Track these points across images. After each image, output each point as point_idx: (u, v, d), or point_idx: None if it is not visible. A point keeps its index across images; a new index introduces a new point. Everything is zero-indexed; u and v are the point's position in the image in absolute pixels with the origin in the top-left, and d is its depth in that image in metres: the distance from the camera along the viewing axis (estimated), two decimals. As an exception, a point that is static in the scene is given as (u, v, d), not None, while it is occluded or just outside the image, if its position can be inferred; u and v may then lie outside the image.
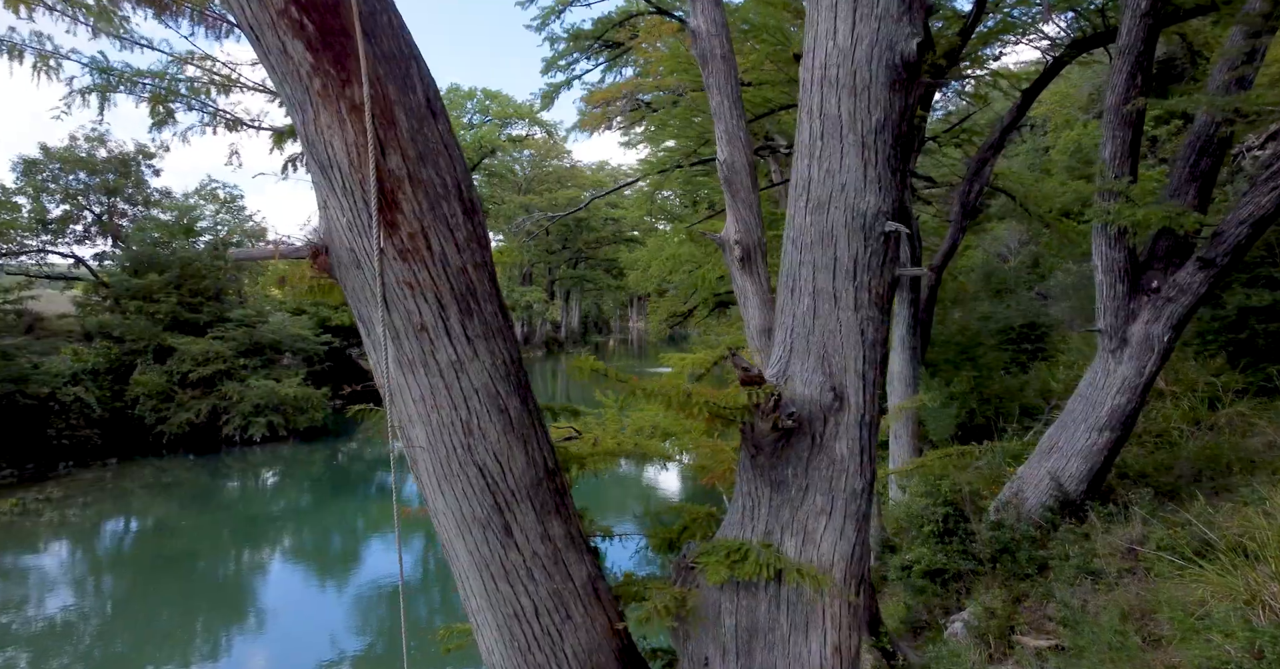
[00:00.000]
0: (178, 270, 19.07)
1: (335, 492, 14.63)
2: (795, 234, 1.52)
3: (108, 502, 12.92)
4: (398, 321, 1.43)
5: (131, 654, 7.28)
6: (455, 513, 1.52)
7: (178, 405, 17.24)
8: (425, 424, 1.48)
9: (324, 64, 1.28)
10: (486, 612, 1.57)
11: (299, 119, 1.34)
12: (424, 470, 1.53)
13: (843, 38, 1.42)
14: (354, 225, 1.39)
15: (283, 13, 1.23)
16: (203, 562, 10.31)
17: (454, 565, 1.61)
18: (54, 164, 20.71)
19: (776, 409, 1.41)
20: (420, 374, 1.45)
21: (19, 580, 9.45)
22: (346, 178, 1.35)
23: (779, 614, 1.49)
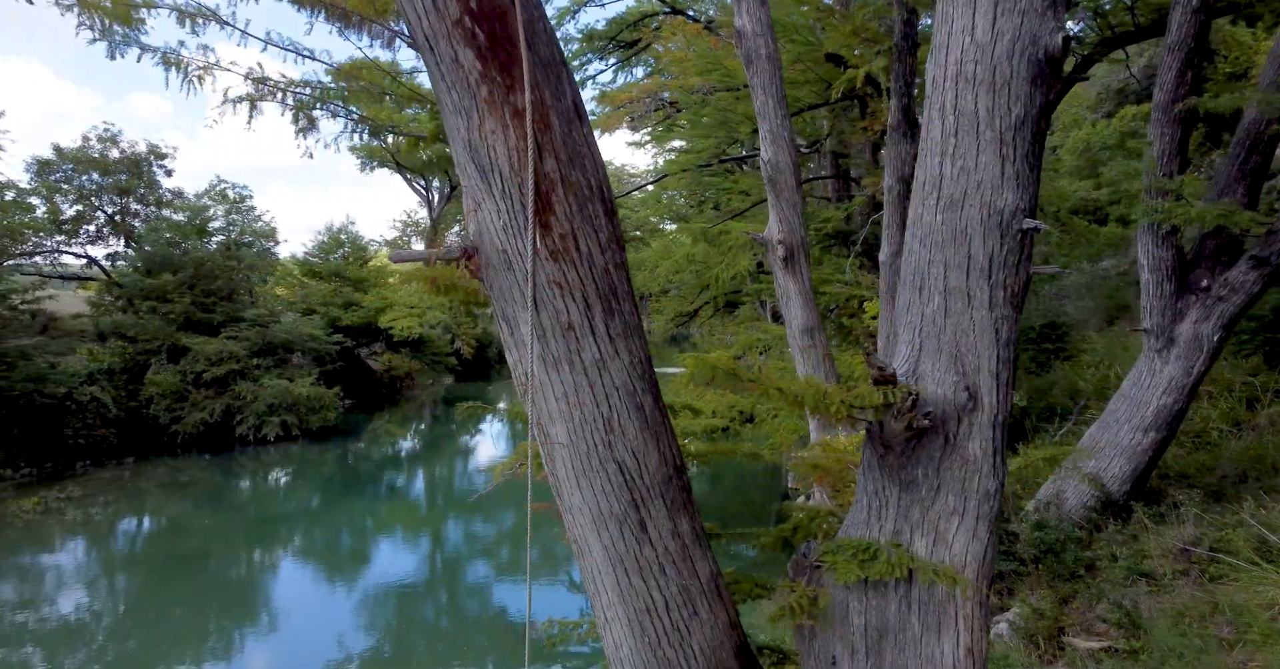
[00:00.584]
0: (191, 270, 19.17)
1: (345, 491, 14.68)
2: (923, 232, 1.53)
3: (128, 501, 12.99)
4: (545, 321, 1.46)
5: (170, 650, 7.33)
6: (592, 508, 1.55)
7: (192, 405, 17.32)
8: (567, 421, 1.51)
9: (491, 71, 1.31)
10: (618, 606, 1.60)
11: (463, 125, 1.38)
12: (562, 466, 1.56)
13: (981, 33, 1.43)
14: (509, 227, 1.41)
15: (457, 23, 1.27)
16: (222, 561, 10.36)
17: (584, 561, 1.64)
18: (67, 164, 20.83)
19: (913, 409, 1.43)
20: (565, 372, 1.48)
21: (49, 579, 9.52)
22: (506, 181, 1.38)
23: (910, 614, 1.51)
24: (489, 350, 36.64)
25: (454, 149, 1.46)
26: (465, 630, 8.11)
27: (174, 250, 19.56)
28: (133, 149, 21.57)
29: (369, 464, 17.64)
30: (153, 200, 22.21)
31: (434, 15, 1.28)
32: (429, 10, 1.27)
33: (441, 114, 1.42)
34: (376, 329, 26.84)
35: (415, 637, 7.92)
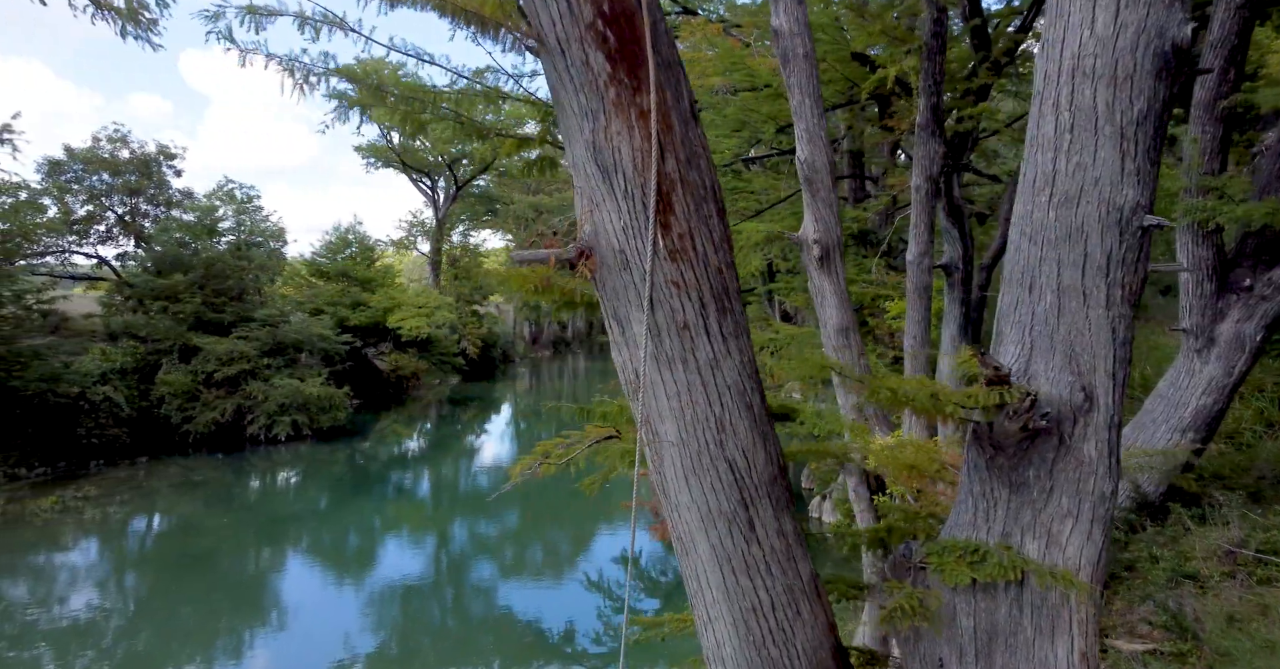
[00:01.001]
0: (202, 270, 19.21)
1: (356, 491, 14.70)
2: (1033, 229, 1.52)
3: (144, 500, 13.02)
4: (660, 320, 1.46)
5: (191, 646, 7.35)
6: (701, 507, 1.55)
7: (203, 405, 17.35)
8: (678, 419, 1.50)
9: (620, 73, 1.32)
10: (723, 605, 1.59)
11: (588, 127, 1.38)
12: (670, 465, 1.56)
13: (1103, 27, 1.41)
14: (629, 228, 1.41)
15: (590, 26, 1.28)
16: (238, 559, 10.40)
17: (687, 559, 1.63)
18: (77, 165, 20.88)
19: (1031, 410, 1.42)
20: (679, 371, 1.48)
21: (72, 576, 9.55)
22: (629, 182, 1.38)
23: (1021, 617, 1.49)
24: (494, 350, 36.68)
25: (572, 151, 1.46)
26: (472, 630, 8.13)
27: (184, 250, 19.60)
28: (142, 149, 21.63)
29: (378, 464, 17.66)
30: (162, 200, 22.25)
31: (568, 19, 1.29)
32: (563, 14, 1.28)
33: (560, 117, 1.43)
34: (384, 329, 26.89)
35: (424, 635, 7.94)
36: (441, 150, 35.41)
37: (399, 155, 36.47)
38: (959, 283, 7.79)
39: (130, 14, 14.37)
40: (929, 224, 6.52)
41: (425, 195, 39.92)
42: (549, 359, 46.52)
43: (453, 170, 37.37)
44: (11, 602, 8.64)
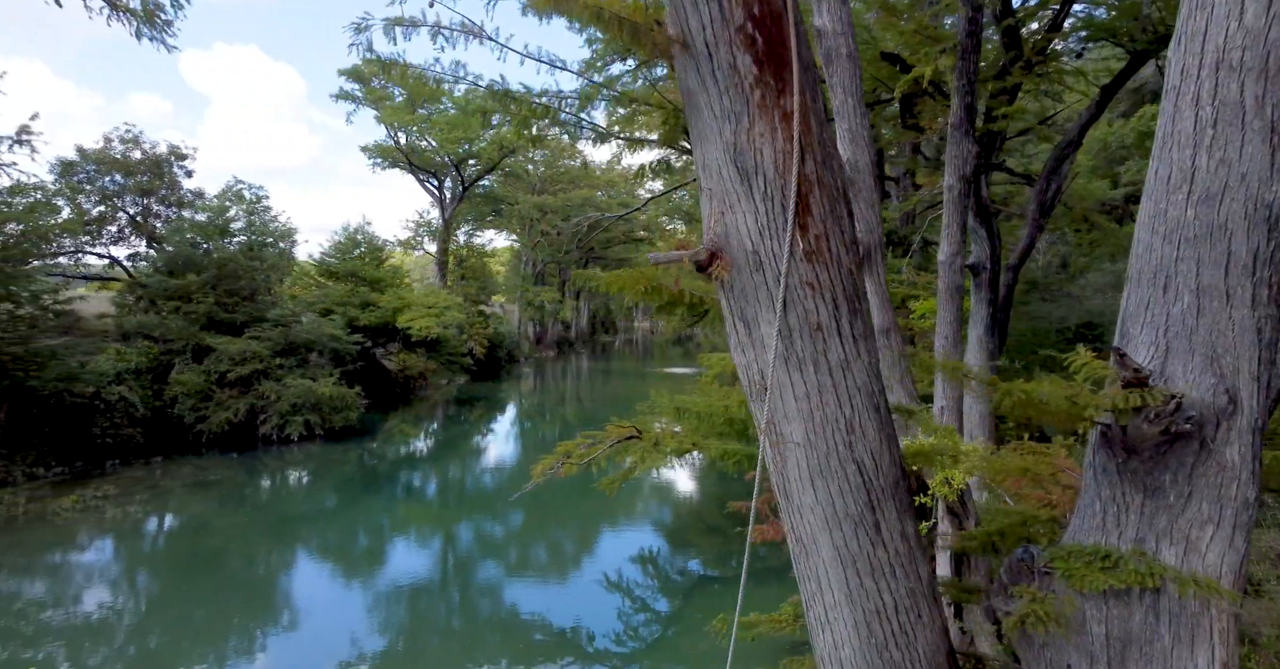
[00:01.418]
0: (214, 271, 19.25)
1: (370, 491, 14.72)
2: (1168, 228, 1.49)
3: (163, 499, 13.05)
4: (792, 321, 1.44)
5: (215, 642, 7.37)
6: (826, 509, 1.53)
7: (216, 404, 17.39)
8: (806, 421, 1.48)
9: (766, 75, 1.31)
10: (844, 607, 1.57)
11: (729, 129, 1.36)
12: (794, 466, 1.54)
13: (1253, 18, 1.37)
14: (766, 229, 1.40)
15: (739, 29, 1.27)
16: (259, 559, 10.43)
17: (808, 560, 1.61)
18: (90, 165, 20.96)
19: (1175, 413, 1.39)
20: (809, 372, 1.46)
21: (98, 575, 9.58)
22: (770, 183, 1.36)
23: (1158, 625, 1.46)
24: (500, 351, 36.71)
25: (705, 153, 1.44)
26: (488, 629, 8.13)
27: (197, 251, 19.65)
28: (154, 150, 21.70)
29: (390, 464, 17.69)
30: (173, 201, 22.32)
31: (719, 23, 1.28)
32: (714, 18, 1.27)
33: (693, 120, 1.41)
34: (393, 329, 26.93)
35: (440, 635, 7.95)
36: (449, 151, 35.46)
37: (406, 156, 36.53)
38: (986, 283, 7.77)
39: (147, 16, 14.37)
40: (961, 224, 6.49)
41: (432, 195, 39.97)
42: (553, 359, 46.53)
43: (459, 170, 37.41)
44: (40, 599, 8.68)
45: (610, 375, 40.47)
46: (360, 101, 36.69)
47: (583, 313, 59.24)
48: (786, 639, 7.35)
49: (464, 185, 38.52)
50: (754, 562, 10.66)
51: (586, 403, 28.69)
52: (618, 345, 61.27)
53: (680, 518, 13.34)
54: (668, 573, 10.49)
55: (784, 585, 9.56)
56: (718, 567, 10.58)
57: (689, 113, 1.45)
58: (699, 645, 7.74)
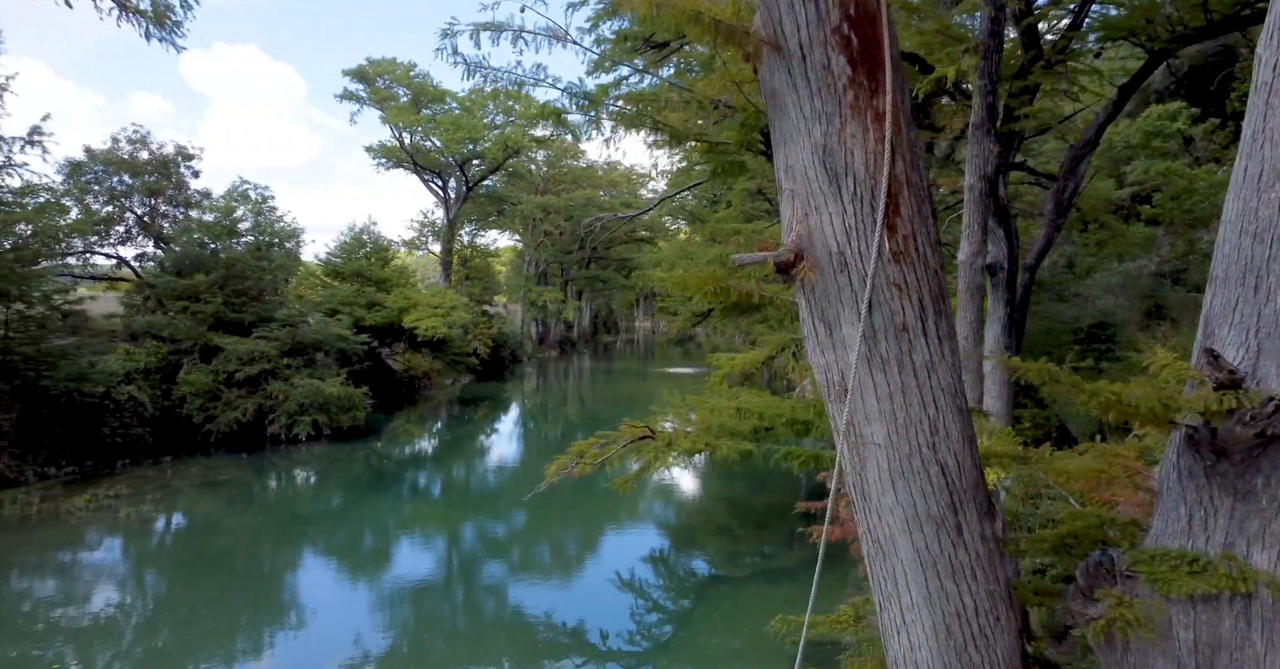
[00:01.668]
0: (223, 271, 19.29)
1: (381, 490, 14.76)
2: (1259, 227, 1.48)
3: (174, 499, 13.09)
4: (878, 322, 1.45)
5: (234, 639, 7.40)
6: (907, 510, 1.53)
7: (225, 404, 17.42)
8: (888, 422, 1.49)
9: (859, 76, 1.31)
10: (923, 609, 1.58)
11: (819, 130, 1.37)
12: (875, 467, 1.54)
13: None
14: (853, 230, 1.40)
15: (835, 29, 1.28)
16: (272, 557, 10.47)
17: (884, 562, 1.62)
18: (97, 166, 21.00)
19: (1273, 415, 1.39)
20: (893, 373, 1.46)
21: (115, 573, 9.62)
22: (860, 184, 1.37)
23: (1249, 631, 1.46)
24: (503, 350, 36.75)
25: (788, 155, 1.45)
26: (498, 629, 8.15)
27: (204, 251, 19.70)
28: (161, 150, 21.74)
29: (399, 464, 17.72)
30: (181, 201, 22.37)
31: (814, 24, 1.28)
32: (810, 20, 1.28)
33: (777, 122, 1.42)
34: (399, 329, 26.98)
35: (444, 634, 7.96)
36: (453, 151, 35.48)
37: (411, 156, 36.57)
38: (1004, 283, 7.76)
39: (157, 17, 14.45)
40: (982, 224, 6.49)
41: (436, 195, 40.03)
42: (556, 359, 46.59)
43: (464, 170, 37.45)
44: (58, 597, 8.71)
45: (614, 375, 40.50)
46: (365, 102, 36.74)
47: (584, 313, 59.28)
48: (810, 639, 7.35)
49: (468, 185, 38.54)
50: (763, 563, 10.66)
51: (591, 403, 28.71)
52: (619, 345, 61.35)
53: (689, 517, 13.36)
54: (678, 573, 10.51)
55: (795, 585, 9.57)
56: (727, 567, 10.59)
57: (772, 115, 1.46)
58: (711, 645, 7.75)
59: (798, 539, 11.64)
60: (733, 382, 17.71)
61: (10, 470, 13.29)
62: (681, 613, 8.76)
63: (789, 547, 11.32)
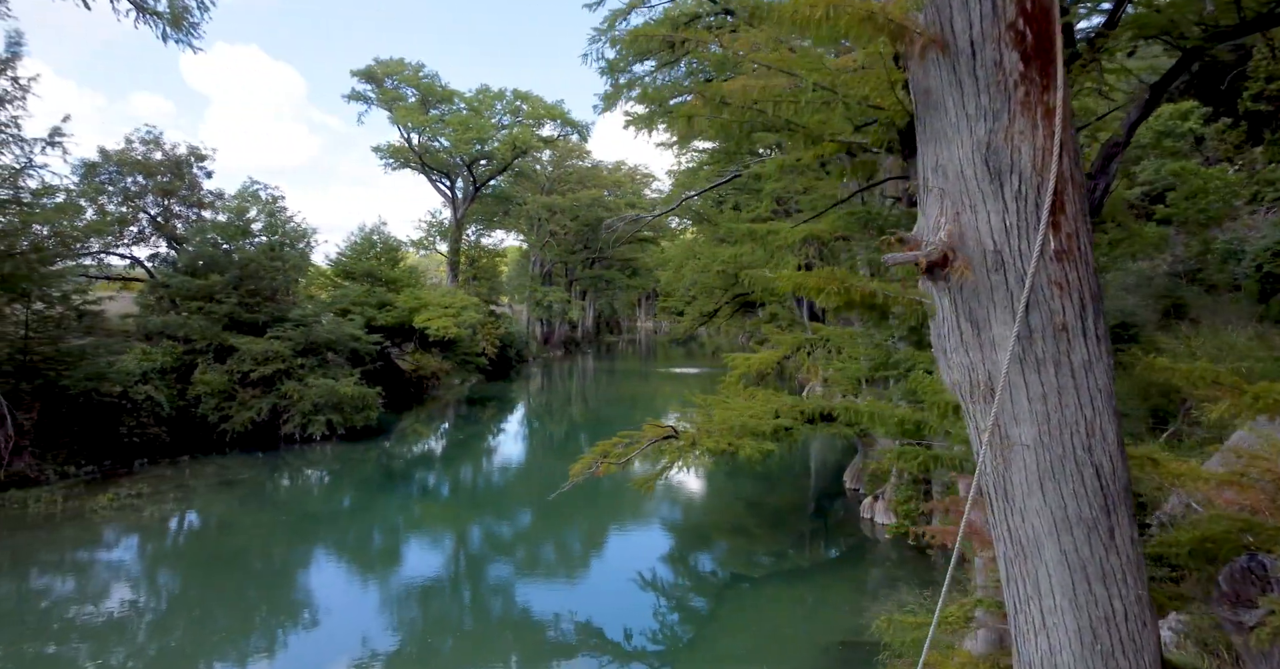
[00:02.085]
0: (237, 271, 19.33)
1: (401, 489, 14.78)
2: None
3: (195, 497, 13.10)
4: (1034, 322, 1.43)
5: (262, 635, 7.42)
6: (1056, 512, 1.51)
7: (239, 404, 17.46)
8: (1041, 423, 1.47)
9: (1031, 72, 1.30)
10: (1068, 612, 1.56)
11: (983, 128, 1.35)
12: (1020, 469, 1.52)
13: None
14: (1014, 228, 1.38)
15: (1010, 25, 1.26)
16: (292, 556, 10.49)
17: (1025, 564, 1.60)
18: (111, 166, 21.07)
19: None
20: (1048, 373, 1.44)
21: (144, 570, 9.66)
22: (1025, 182, 1.35)
23: None
24: (510, 350, 36.76)
25: (942, 153, 1.43)
26: (506, 628, 8.13)
27: (219, 251, 19.74)
28: (174, 151, 21.80)
29: (411, 463, 17.75)
30: (193, 201, 22.42)
31: (988, 20, 1.27)
32: (984, 16, 1.26)
33: (929, 121, 1.40)
34: (409, 329, 27.01)
35: (462, 633, 7.96)
36: (462, 151, 35.50)
37: (420, 156, 36.62)
38: None
39: (174, 20, 14.47)
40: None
41: (443, 196, 40.06)
42: (561, 359, 46.60)
43: (471, 170, 37.48)
44: (91, 594, 8.74)
45: (619, 375, 40.49)
46: (372, 102, 36.80)
47: (588, 313, 59.25)
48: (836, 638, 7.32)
49: (475, 185, 38.57)
50: (776, 565, 10.61)
51: (598, 403, 28.68)
52: (621, 346, 61.40)
53: (705, 516, 13.33)
54: (697, 572, 10.48)
55: (809, 585, 9.54)
56: (745, 566, 10.56)
57: (922, 113, 1.44)
58: (732, 645, 7.71)
59: (809, 539, 11.61)
60: (748, 381, 17.64)
61: (31, 469, 13.33)
62: (701, 613, 8.74)
63: (804, 547, 11.29)
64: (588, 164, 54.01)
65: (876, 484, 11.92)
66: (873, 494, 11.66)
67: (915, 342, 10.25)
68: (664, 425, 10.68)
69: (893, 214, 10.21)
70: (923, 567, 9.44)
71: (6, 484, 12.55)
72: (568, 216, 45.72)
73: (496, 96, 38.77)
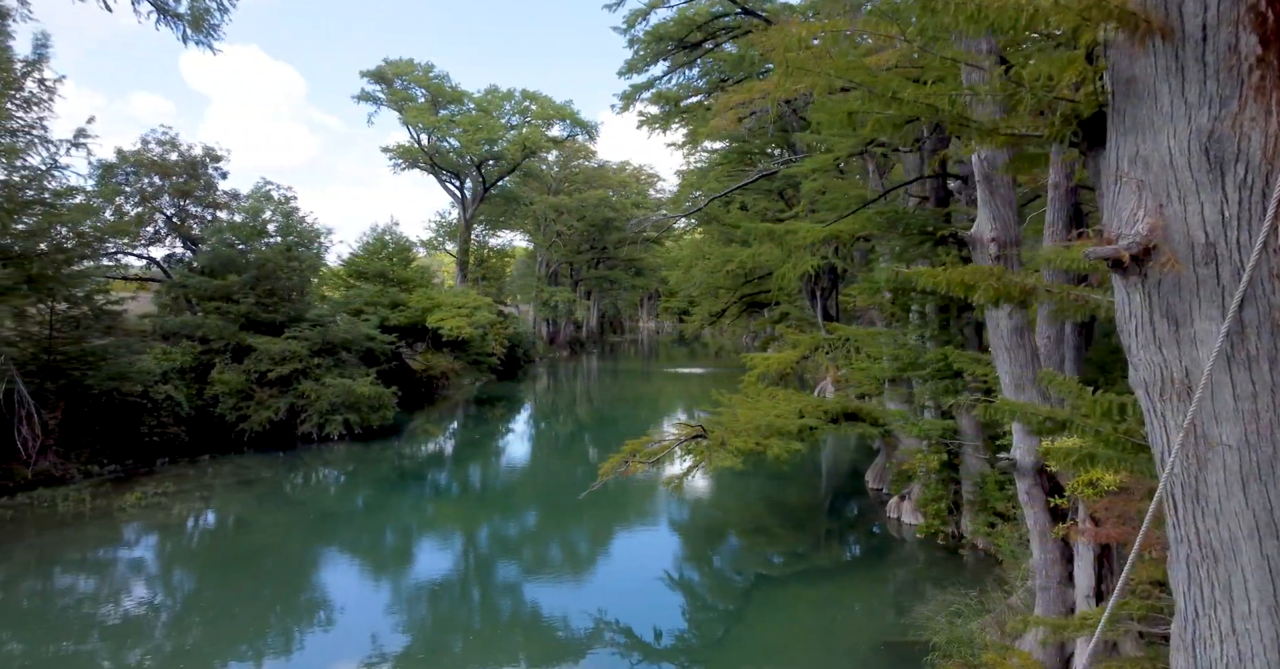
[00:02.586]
0: (254, 271, 19.37)
1: (421, 487, 14.79)
2: None
3: (220, 496, 13.10)
4: (1248, 317, 1.38)
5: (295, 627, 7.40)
6: (1260, 515, 1.47)
7: (257, 404, 17.48)
8: (1248, 422, 1.43)
9: (1270, 56, 1.25)
10: (1264, 618, 1.51)
11: (1207, 115, 1.31)
12: (1218, 469, 1.48)
13: None
14: (1234, 220, 1.34)
15: (1251, 7, 1.21)
16: (326, 552, 10.50)
17: (1217, 567, 1.55)
18: (128, 167, 21.14)
19: None
20: (1261, 371, 1.40)
21: (179, 565, 9.67)
22: (1252, 170, 1.31)
23: None
24: (518, 350, 36.76)
25: (1145, 143, 1.38)
26: (528, 626, 8.10)
27: (235, 251, 19.78)
28: (190, 152, 21.85)
29: (426, 463, 17.77)
30: (209, 202, 22.47)
31: (1226, 2, 1.22)
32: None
33: (1138, 110, 1.35)
34: (422, 329, 27.02)
35: (503, 633, 7.92)
36: (472, 151, 35.53)
37: (430, 157, 36.67)
38: None
39: (195, 21, 14.53)
40: (1066, 222, 6.39)
41: (452, 196, 40.13)
42: (567, 359, 46.62)
43: (481, 171, 37.52)
44: (127, 590, 8.76)
45: (626, 375, 40.45)
46: (381, 102, 36.87)
47: (593, 313, 59.21)
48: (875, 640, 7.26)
49: (485, 185, 38.59)
50: (801, 564, 10.54)
51: (609, 403, 28.64)
52: (624, 346, 61.44)
53: (724, 515, 13.26)
54: (721, 571, 10.42)
55: (840, 584, 9.46)
56: (769, 566, 10.48)
57: (1123, 103, 1.40)
58: (772, 641, 7.65)
59: (834, 538, 11.53)
60: (768, 381, 17.55)
61: (56, 468, 13.37)
62: (731, 611, 8.68)
63: (830, 546, 11.23)
64: (593, 164, 53.99)
65: (901, 484, 11.85)
66: (899, 494, 11.58)
67: (945, 341, 10.17)
68: (693, 425, 10.63)
69: (919, 213, 10.14)
70: (952, 567, 9.36)
71: (34, 483, 12.59)
72: (574, 217, 45.70)
73: (505, 97, 38.81)
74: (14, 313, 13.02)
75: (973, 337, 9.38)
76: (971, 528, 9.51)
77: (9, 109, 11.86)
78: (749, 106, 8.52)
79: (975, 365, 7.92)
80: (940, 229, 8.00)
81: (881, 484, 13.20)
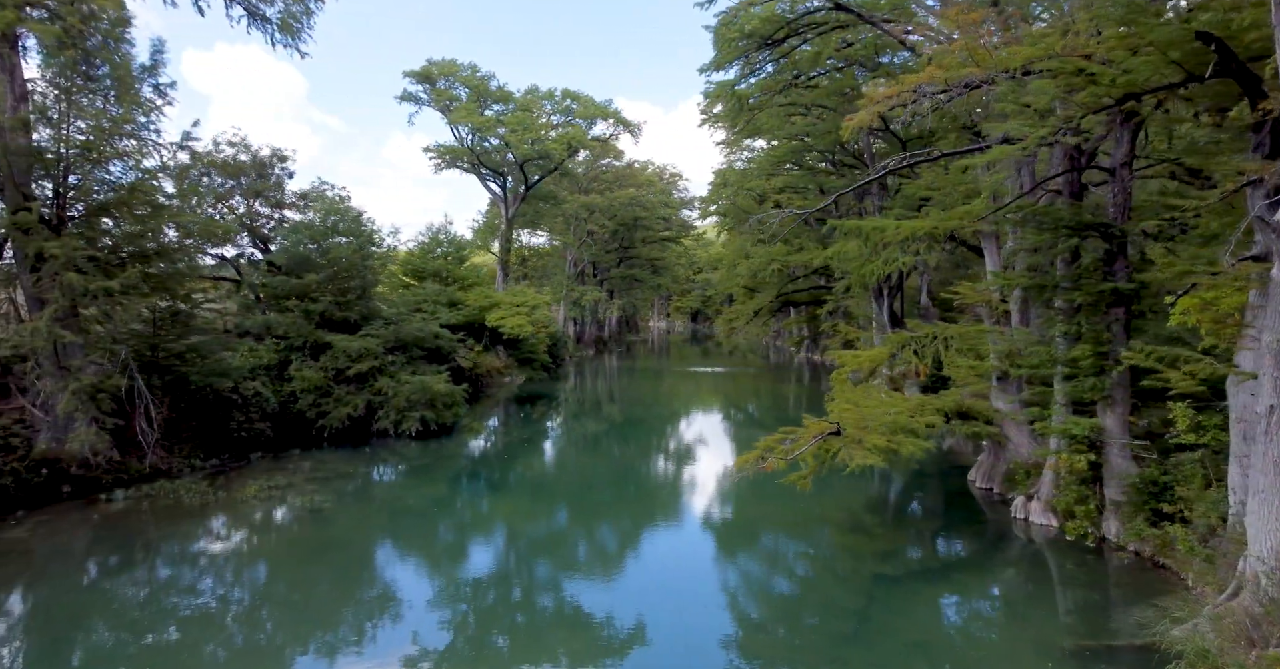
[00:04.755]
0: (330, 270, 19.65)
1: (497, 483, 14.85)
2: None
3: (333, 487, 13.24)
4: None
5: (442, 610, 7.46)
6: None
7: (336, 400, 17.71)
8: None
9: None
10: None
11: None
12: None
13: None
14: None
15: None
16: (441, 536, 10.64)
17: None
18: (201, 167, 21.57)
19: None
20: None
21: (316, 549, 9.83)
22: None
23: None
24: (556, 349, 36.89)
25: None
26: (554, 624, 8.03)
27: (311, 250, 20.08)
28: (259, 153, 22.23)
29: (500, 458, 17.86)
30: (276, 202, 22.86)
31: None
32: None
33: None
34: (479, 327, 27.21)
35: (568, 626, 7.85)
36: (520, 151, 35.68)
37: (478, 156, 36.92)
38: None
39: (283, 26, 14.91)
40: None
41: (495, 195, 40.34)
42: (593, 357, 46.74)
43: (524, 170, 37.70)
44: (287, 567, 8.98)
45: (653, 374, 40.32)
46: (424, 102, 37.21)
47: (613, 312, 59.19)
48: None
49: (526, 184, 38.76)
50: (923, 564, 10.29)
51: (653, 400, 28.50)
52: (638, 345, 61.60)
53: (826, 514, 13.06)
54: (836, 571, 10.24)
55: (951, 585, 9.21)
56: (881, 565, 10.19)
57: None
58: (903, 638, 7.43)
59: (951, 539, 11.27)
60: (857, 380, 17.34)
61: (163, 463, 13.69)
62: (858, 609, 8.50)
63: (949, 548, 11.00)
64: (622, 163, 53.99)
65: (1017, 484, 11.60)
66: (1025, 494, 11.31)
67: (1076, 336, 9.87)
68: (828, 422, 10.51)
69: (1057, 208, 9.91)
70: (1104, 569, 8.93)
71: (153, 475, 12.89)
72: (605, 215, 45.72)
73: (546, 96, 38.95)
74: (136, 312, 13.35)
75: (1120, 334, 9.08)
76: (1124, 530, 9.23)
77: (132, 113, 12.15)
78: (895, 100, 8.31)
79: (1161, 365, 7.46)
80: (1087, 219, 7.78)
81: (990, 484, 12.93)
